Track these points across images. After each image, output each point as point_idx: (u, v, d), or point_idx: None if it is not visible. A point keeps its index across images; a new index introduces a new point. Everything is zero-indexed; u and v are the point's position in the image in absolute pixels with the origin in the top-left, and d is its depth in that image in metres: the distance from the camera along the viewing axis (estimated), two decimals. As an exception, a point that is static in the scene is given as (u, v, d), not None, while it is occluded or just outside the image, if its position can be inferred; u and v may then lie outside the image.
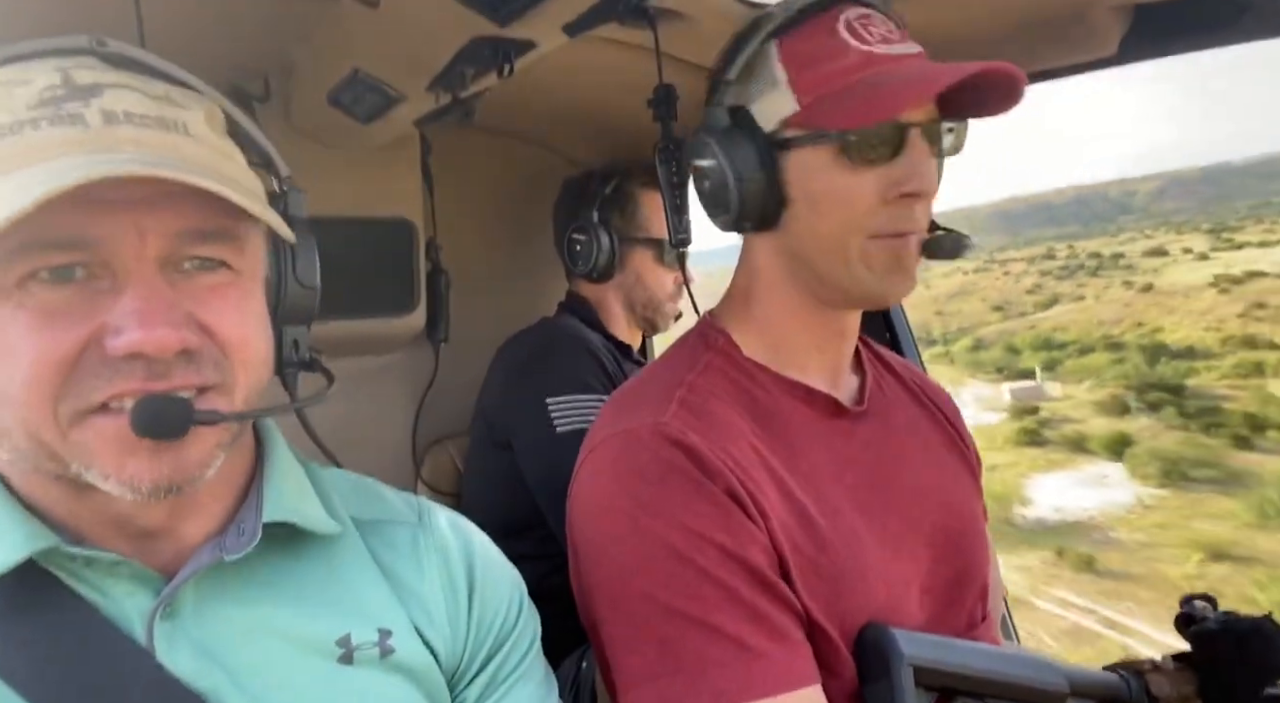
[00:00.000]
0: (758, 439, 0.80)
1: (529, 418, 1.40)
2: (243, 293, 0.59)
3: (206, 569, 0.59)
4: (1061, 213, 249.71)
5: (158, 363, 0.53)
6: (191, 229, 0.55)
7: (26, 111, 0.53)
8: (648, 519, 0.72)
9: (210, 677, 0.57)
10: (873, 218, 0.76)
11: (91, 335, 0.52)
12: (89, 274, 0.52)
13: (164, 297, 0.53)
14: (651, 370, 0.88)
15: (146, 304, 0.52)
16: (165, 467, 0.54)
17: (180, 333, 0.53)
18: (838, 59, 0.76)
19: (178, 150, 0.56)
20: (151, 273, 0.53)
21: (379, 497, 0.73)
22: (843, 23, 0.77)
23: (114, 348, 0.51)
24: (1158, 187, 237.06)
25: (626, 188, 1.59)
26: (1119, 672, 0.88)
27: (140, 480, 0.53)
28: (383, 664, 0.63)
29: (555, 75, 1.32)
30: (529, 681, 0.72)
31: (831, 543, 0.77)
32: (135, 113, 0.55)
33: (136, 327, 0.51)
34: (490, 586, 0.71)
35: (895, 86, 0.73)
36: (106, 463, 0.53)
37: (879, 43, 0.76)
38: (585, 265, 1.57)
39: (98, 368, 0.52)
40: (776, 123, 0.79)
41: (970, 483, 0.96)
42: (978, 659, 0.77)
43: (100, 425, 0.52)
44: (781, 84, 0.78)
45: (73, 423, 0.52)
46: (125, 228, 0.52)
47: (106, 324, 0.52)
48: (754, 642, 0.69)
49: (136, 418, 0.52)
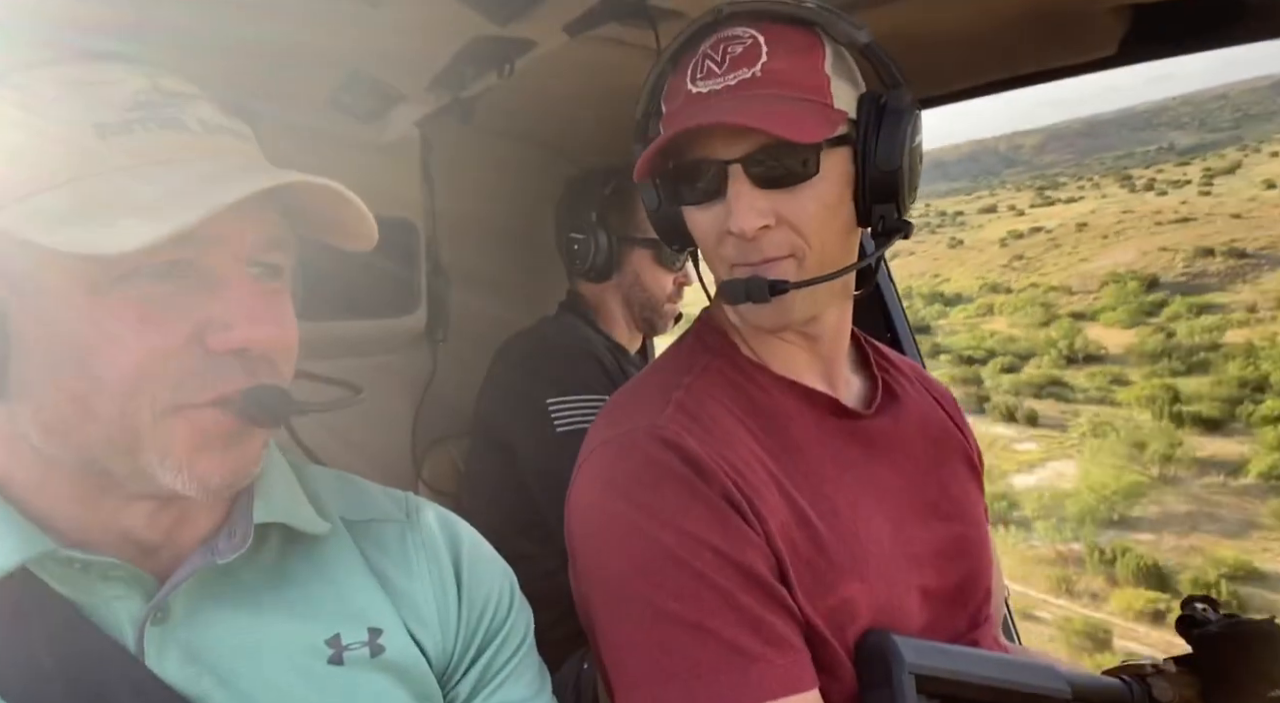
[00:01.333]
0: (756, 441, 0.79)
1: (530, 418, 1.40)
2: (288, 298, 0.62)
3: (198, 573, 0.59)
4: (954, 169, 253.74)
5: (250, 362, 0.55)
6: (272, 236, 0.58)
7: (126, 112, 0.54)
8: (644, 523, 0.72)
9: (199, 682, 0.57)
10: (724, 250, 0.80)
11: (195, 330, 0.54)
12: (187, 272, 0.54)
13: (260, 296, 0.56)
14: (649, 373, 0.88)
15: (254, 302, 0.55)
16: (233, 461, 0.56)
17: (281, 330, 0.57)
18: (673, 100, 0.81)
19: (259, 160, 0.60)
20: (246, 274, 0.56)
21: (367, 495, 0.73)
22: (702, 52, 0.79)
23: (223, 342, 0.54)
24: (1040, 140, 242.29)
25: (625, 189, 1.58)
26: (1121, 676, 0.87)
27: (211, 476, 0.55)
28: (373, 664, 0.63)
29: (555, 75, 1.32)
30: (521, 676, 0.72)
31: (831, 545, 0.76)
32: (223, 123, 0.59)
33: (247, 323, 0.54)
34: (479, 581, 0.71)
35: (651, 147, 0.77)
36: (181, 458, 0.54)
37: (703, 78, 0.78)
38: (583, 265, 1.57)
39: (200, 363, 0.54)
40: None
41: (973, 484, 0.95)
42: (979, 666, 0.77)
43: (193, 416, 0.54)
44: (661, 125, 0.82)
45: (165, 415, 0.53)
46: (233, 231, 0.55)
47: (211, 318, 0.54)
48: (750, 647, 0.69)
49: (249, 405, 0.54)
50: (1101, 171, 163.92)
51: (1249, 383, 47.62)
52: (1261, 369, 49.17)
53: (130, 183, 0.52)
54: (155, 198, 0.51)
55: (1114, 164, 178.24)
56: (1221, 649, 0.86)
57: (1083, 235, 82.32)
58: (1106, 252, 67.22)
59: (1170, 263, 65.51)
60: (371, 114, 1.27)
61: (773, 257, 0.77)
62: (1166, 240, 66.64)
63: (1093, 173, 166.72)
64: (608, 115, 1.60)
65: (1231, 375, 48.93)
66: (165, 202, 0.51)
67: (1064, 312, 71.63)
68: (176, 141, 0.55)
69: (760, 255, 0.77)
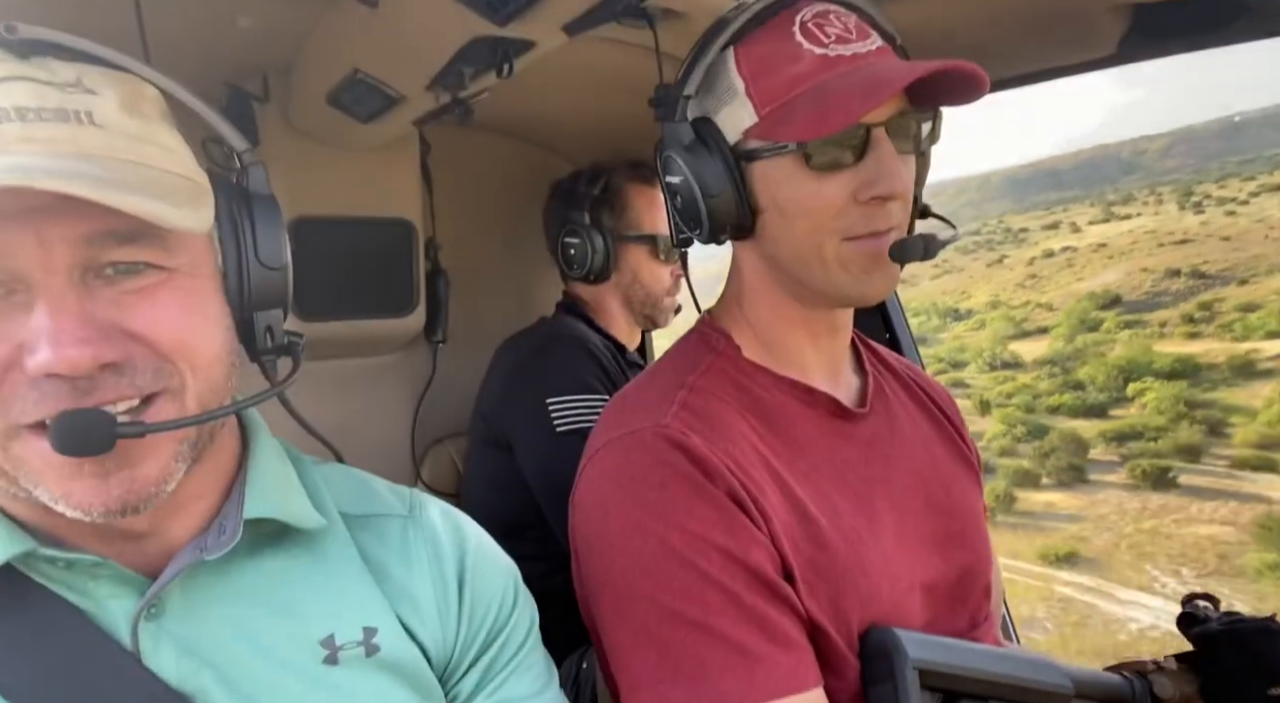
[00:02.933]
0: (759, 440, 0.79)
1: (529, 418, 1.40)
2: (178, 291, 0.55)
3: (191, 568, 0.58)
4: (1069, 177, 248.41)
5: (81, 380, 0.50)
6: (102, 232, 0.51)
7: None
8: (650, 523, 0.72)
9: (197, 678, 0.56)
10: (843, 221, 0.75)
11: (11, 354, 0.50)
12: (6, 290, 0.50)
13: (74, 311, 0.50)
14: (652, 372, 0.88)
15: (54, 322, 0.49)
16: (115, 489, 0.52)
17: (93, 349, 0.49)
18: (792, 65, 0.75)
19: (76, 143, 0.52)
20: (61, 285, 0.50)
21: (370, 490, 0.73)
22: (798, 25, 0.76)
23: (31, 368, 0.49)
24: (1165, 145, 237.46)
25: (615, 186, 1.57)
26: (1123, 673, 0.87)
27: (90, 505, 0.51)
28: (369, 664, 0.62)
29: (555, 75, 1.32)
30: (526, 672, 0.71)
31: (833, 542, 0.76)
32: (29, 107, 0.51)
33: (46, 346, 0.48)
34: (482, 577, 0.70)
35: (845, 94, 0.71)
36: (52, 487, 0.51)
37: (835, 43, 0.75)
38: (581, 269, 1.56)
39: (23, 388, 0.50)
40: (739, 134, 0.78)
41: (970, 483, 0.95)
42: (983, 661, 0.77)
43: (39, 448, 0.50)
44: (740, 94, 0.77)
45: (9, 441, 0.51)
46: (24, 239, 0.49)
47: (24, 341, 0.50)
48: (755, 646, 0.69)
49: (54, 437, 0.49)
50: (1203, 179, 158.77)
51: (1117, 375, 59.87)
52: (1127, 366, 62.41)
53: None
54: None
55: (1235, 169, 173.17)
56: (1221, 647, 0.86)
57: (1095, 256, 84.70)
58: (1101, 273, 70.77)
59: (1141, 283, 68.89)
60: (371, 114, 1.27)
61: (889, 226, 0.76)
62: (1156, 262, 69.84)
63: (1209, 179, 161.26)
64: (607, 115, 1.60)
65: (1098, 373, 62.26)
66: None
67: (1032, 326, 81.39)
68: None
69: (886, 223, 0.75)
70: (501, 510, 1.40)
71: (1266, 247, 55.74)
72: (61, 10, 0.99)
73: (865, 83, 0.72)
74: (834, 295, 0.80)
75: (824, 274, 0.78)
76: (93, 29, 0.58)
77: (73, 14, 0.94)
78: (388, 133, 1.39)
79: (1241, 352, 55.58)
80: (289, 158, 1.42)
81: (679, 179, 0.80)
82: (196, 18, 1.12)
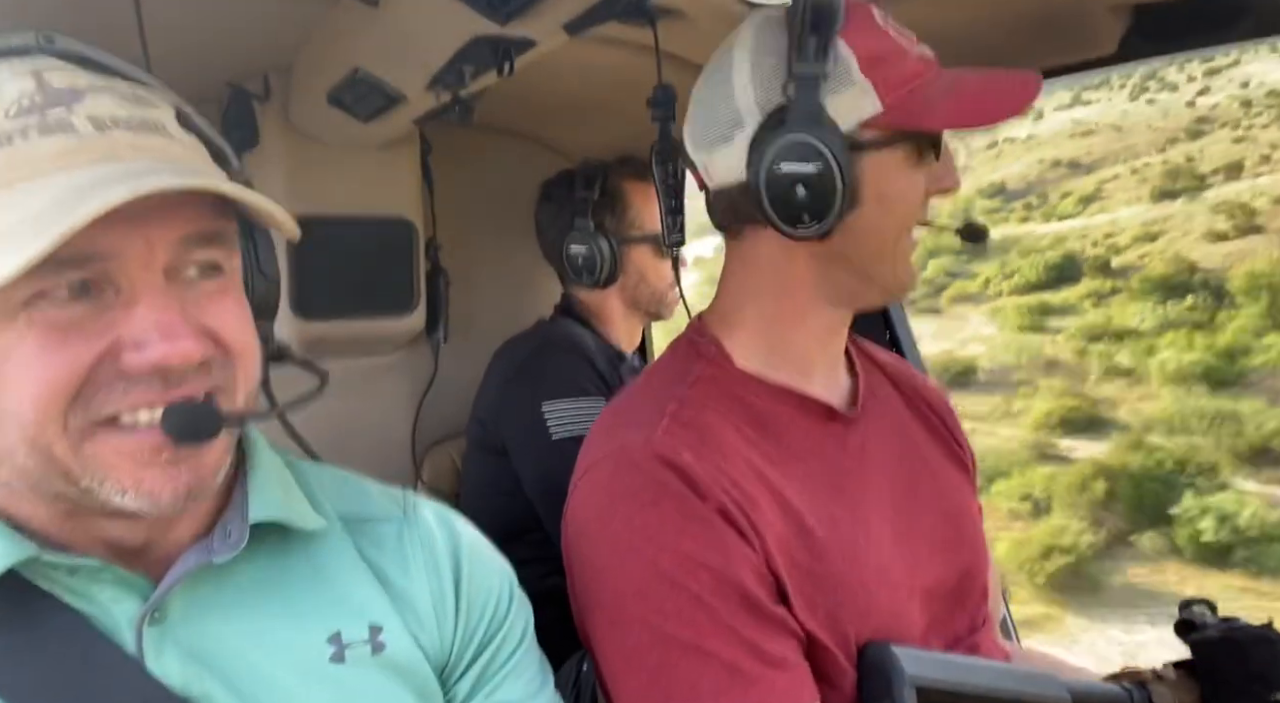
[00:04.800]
0: (752, 450, 0.78)
1: (525, 424, 1.40)
2: (236, 295, 0.59)
3: (193, 573, 0.58)
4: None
5: (174, 374, 0.52)
6: (192, 235, 0.54)
7: (7, 121, 0.50)
8: (640, 545, 0.71)
9: (201, 682, 0.56)
10: (920, 213, 0.80)
11: (106, 351, 0.51)
12: (97, 288, 0.51)
13: (178, 308, 0.53)
14: (644, 382, 0.87)
15: (165, 316, 0.52)
16: (185, 475, 0.54)
17: (200, 344, 0.53)
18: (903, 60, 0.76)
19: (167, 153, 0.55)
20: (161, 284, 0.53)
21: (363, 492, 0.72)
22: (883, 21, 0.78)
23: (136, 362, 0.51)
24: None
25: (612, 187, 1.54)
26: (1122, 683, 0.87)
27: (160, 492, 0.53)
28: (375, 662, 0.62)
29: (555, 74, 1.32)
30: (522, 673, 0.71)
31: (829, 551, 0.76)
32: (120, 117, 0.54)
33: (160, 340, 0.51)
34: (478, 578, 0.70)
35: (987, 92, 0.76)
36: (123, 477, 0.52)
37: (914, 46, 0.78)
38: (591, 277, 1.51)
39: (112, 382, 0.51)
40: (855, 123, 0.75)
41: (965, 486, 0.95)
42: (980, 676, 0.77)
43: (115, 441, 0.52)
44: (859, 83, 0.74)
45: (84, 437, 0.52)
46: (134, 240, 0.51)
47: (122, 338, 0.51)
48: (747, 667, 0.68)
49: (170, 425, 0.52)
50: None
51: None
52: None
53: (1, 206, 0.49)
54: (13, 224, 0.48)
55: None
56: (1220, 654, 0.86)
57: (1018, 146, 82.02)
58: (1010, 164, 68.18)
59: (1029, 173, 66.80)
60: (372, 113, 1.27)
61: (932, 218, 0.83)
62: (1059, 153, 67.29)
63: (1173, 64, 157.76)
64: (608, 115, 1.60)
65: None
66: (22, 229, 0.47)
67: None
68: (59, 149, 0.50)
69: (932, 215, 0.82)
70: (499, 516, 1.40)
71: (1145, 136, 53.60)
72: (62, 10, 0.99)
73: (1011, 86, 0.77)
74: (892, 286, 0.83)
75: (893, 267, 0.81)
76: (93, 29, 0.58)
77: (73, 14, 0.94)
78: (388, 132, 1.39)
79: (1027, 230, 54.76)
80: (289, 157, 1.42)
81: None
82: (196, 17, 1.11)
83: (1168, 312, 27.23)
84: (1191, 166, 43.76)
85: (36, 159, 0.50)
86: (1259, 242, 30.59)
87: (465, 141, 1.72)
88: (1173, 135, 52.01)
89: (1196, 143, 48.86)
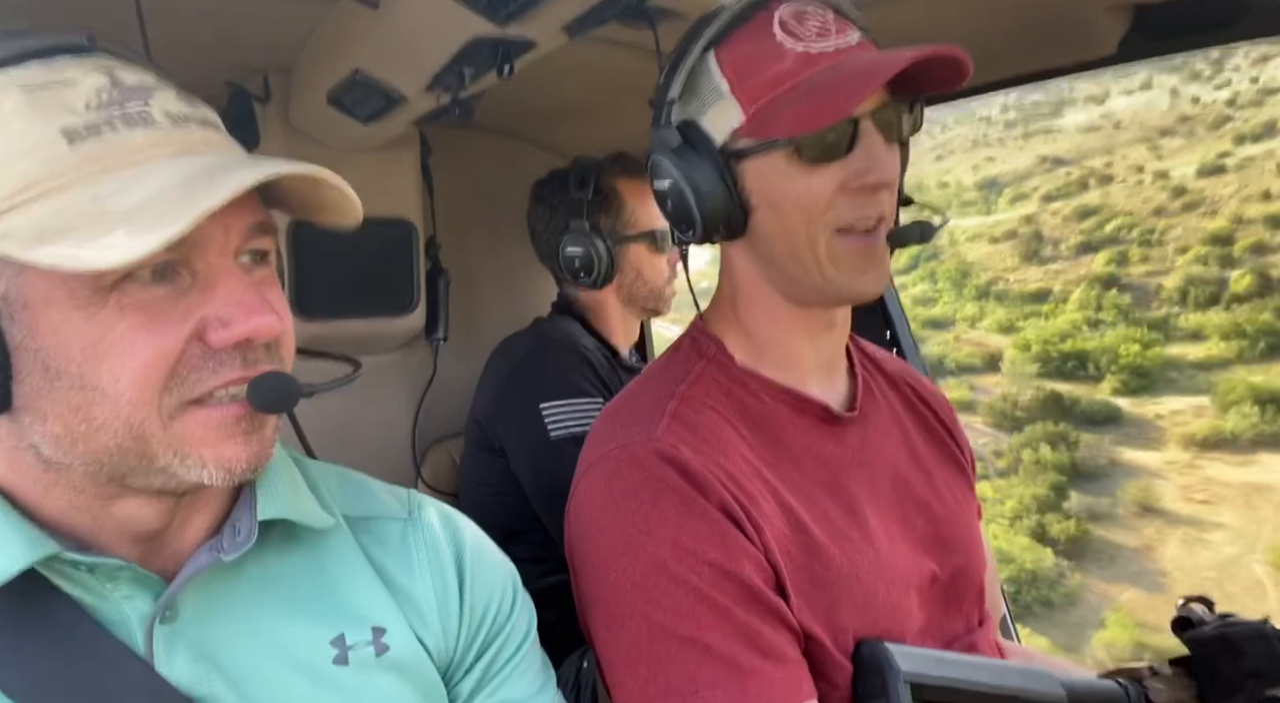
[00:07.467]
0: (751, 448, 0.79)
1: (523, 424, 1.40)
2: (277, 283, 0.62)
3: (204, 572, 0.59)
4: None
5: (251, 353, 0.56)
6: (255, 224, 0.57)
7: (91, 113, 0.53)
8: (641, 539, 0.72)
9: (208, 682, 0.57)
10: (833, 212, 0.76)
11: (193, 332, 0.54)
12: (173, 272, 0.54)
13: (252, 288, 0.56)
14: (644, 380, 0.88)
15: (246, 295, 0.55)
16: (255, 446, 0.57)
17: (279, 318, 0.57)
18: (775, 63, 0.75)
19: (227, 147, 0.58)
20: (235, 268, 0.56)
21: (368, 492, 0.73)
22: (777, 23, 0.76)
23: (223, 338, 0.54)
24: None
25: (606, 186, 1.54)
26: (1118, 679, 0.87)
27: (236, 462, 0.56)
28: (378, 664, 0.62)
29: (555, 75, 1.32)
30: (525, 672, 0.72)
31: (827, 550, 0.76)
32: (187, 112, 0.57)
33: (245, 317, 0.54)
34: (481, 578, 0.71)
35: (834, 88, 0.72)
36: (205, 451, 0.55)
37: (815, 39, 0.75)
38: (589, 277, 1.51)
39: (201, 361, 0.54)
40: (727, 134, 0.78)
41: (964, 486, 0.95)
42: (975, 673, 0.77)
43: (203, 416, 0.55)
44: (726, 95, 0.77)
45: (174, 415, 0.54)
46: (215, 228, 0.54)
47: (206, 318, 0.54)
48: (747, 661, 0.69)
49: (256, 395, 0.55)
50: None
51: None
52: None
53: (107, 191, 0.51)
54: (134, 207, 0.50)
55: None
56: (1216, 651, 0.86)
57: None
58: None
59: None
60: (371, 114, 1.27)
61: (879, 215, 0.77)
62: None
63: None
64: (608, 115, 1.60)
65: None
66: (146, 211, 0.50)
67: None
68: (146, 140, 0.54)
69: (876, 211, 0.76)
70: (499, 515, 1.40)
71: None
72: (63, 10, 0.99)
73: (852, 76, 0.72)
74: (828, 292, 0.80)
75: (817, 270, 0.78)
76: (94, 29, 0.58)
77: (74, 14, 0.94)
78: (388, 133, 1.39)
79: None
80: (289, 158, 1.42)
81: (669, 182, 0.80)
82: (197, 18, 1.12)
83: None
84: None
85: (128, 149, 0.53)
86: None
87: (465, 143, 1.72)
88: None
89: None
